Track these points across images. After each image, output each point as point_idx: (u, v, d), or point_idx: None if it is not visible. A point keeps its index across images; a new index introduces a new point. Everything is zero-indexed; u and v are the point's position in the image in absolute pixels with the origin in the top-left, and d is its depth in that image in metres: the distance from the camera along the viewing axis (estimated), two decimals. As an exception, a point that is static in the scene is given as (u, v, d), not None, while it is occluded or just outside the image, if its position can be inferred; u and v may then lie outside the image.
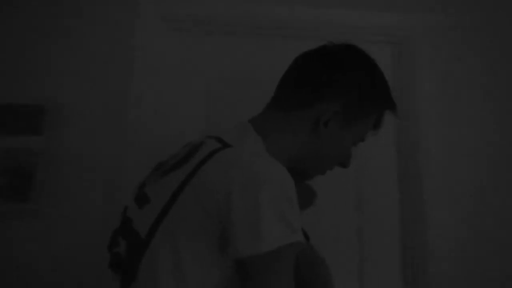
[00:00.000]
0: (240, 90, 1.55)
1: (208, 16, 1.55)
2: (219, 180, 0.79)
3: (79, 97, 1.47)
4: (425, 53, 1.61)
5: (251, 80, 1.55)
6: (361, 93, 0.97)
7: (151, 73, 1.50)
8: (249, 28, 1.58)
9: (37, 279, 1.36)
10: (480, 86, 1.63)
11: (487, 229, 1.54)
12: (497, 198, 1.56)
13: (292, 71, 1.01)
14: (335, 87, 0.95)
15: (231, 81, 1.57)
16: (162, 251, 0.82)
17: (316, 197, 1.08)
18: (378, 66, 1.01)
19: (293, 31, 1.59)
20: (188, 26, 1.57)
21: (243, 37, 1.59)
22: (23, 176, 1.39)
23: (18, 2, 1.49)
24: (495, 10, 1.69)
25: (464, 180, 1.57)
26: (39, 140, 1.42)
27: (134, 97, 1.47)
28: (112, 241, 0.95)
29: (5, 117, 1.42)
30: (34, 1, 1.51)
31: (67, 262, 1.38)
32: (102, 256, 0.95)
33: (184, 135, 1.33)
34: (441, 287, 1.47)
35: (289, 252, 0.79)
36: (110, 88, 1.48)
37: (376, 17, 1.60)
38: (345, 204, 1.58)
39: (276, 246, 0.77)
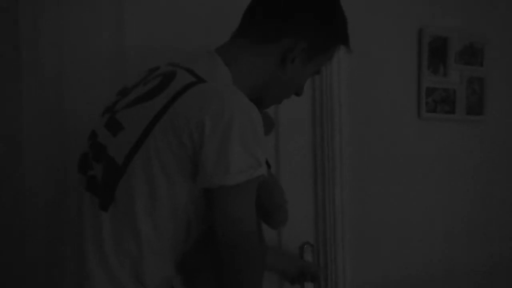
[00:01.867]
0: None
1: None
2: (193, 113, 0.84)
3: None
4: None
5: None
6: (325, 29, 1.03)
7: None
8: None
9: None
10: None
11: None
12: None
13: (258, 2, 1.04)
14: (301, 23, 1.00)
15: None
16: (138, 176, 0.88)
17: (274, 126, 1.18)
18: (340, 3, 1.06)
19: None
20: None
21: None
22: None
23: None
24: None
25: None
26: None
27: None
28: (83, 164, 1.00)
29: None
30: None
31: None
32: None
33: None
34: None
35: (252, 185, 0.87)
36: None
37: None
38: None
39: (243, 179, 0.84)
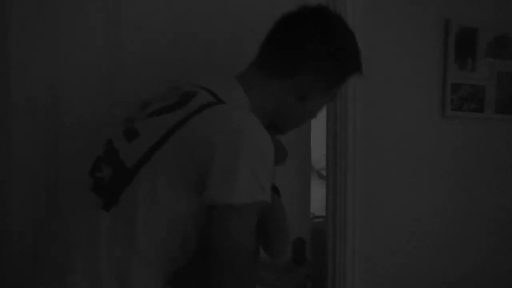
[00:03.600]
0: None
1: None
2: (206, 132, 0.88)
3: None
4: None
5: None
6: (340, 65, 1.06)
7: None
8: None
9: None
10: None
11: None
12: None
13: (275, 35, 1.06)
14: (317, 61, 1.03)
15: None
16: (144, 184, 0.90)
17: (287, 156, 1.16)
18: (351, 31, 1.07)
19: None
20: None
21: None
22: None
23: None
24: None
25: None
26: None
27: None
28: (94, 167, 1.01)
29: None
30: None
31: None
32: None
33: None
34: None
35: (253, 209, 0.88)
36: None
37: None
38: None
39: (245, 201, 0.86)
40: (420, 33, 1.65)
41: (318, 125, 1.57)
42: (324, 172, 5.55)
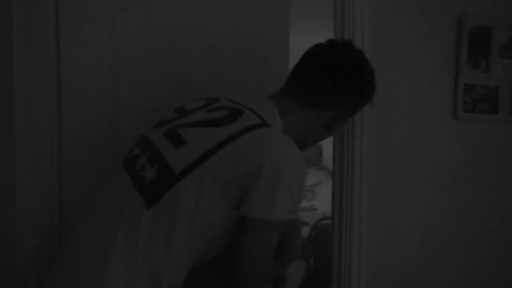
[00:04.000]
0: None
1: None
2: (255, 153, 0.97)
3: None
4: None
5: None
6: (365, 99, 1.19)
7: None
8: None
9: None
10: None
11: None
12: None
13: (306, 66, 1.16)
14: (349, 97, 1.15)
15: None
16: (189, 189, 0.96)
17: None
18: (370, 64, 1.17)
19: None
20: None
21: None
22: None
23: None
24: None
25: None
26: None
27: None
28: (134, 162, 1.06)
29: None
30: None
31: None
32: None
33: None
34: None
35: (283, 226, 1.01)
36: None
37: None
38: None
39: (281, 219, 0.98)
40: (432, 32, 1.61)
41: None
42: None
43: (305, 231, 3.11)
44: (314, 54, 1.16)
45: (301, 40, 1.73)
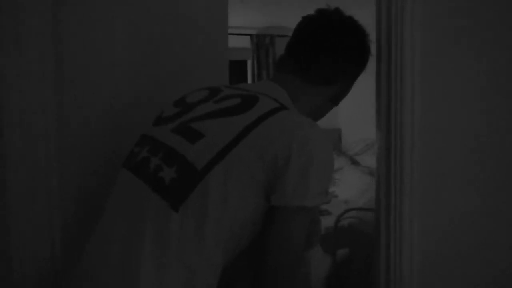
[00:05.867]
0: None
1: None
2: (281, 136, 0.94)
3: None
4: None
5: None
6: (364, 61, 1.17)
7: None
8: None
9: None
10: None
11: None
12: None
13: (300, 41, 1.14)
14: (355, 68, 1.15)
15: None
16: (215, 183, 0.92)
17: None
18: (362, 27, 1.15)
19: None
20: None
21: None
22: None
23: None
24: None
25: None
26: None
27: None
28: (145, 165, 0.99)
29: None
30: None
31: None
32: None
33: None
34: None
35: (316, 210, 0.97)
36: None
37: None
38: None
39: (316, 203, 0.96)
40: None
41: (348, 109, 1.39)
42: (357, 158, 5.33)
43: (327, 222, 2.92)
44: (305, 27, 1.14)
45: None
